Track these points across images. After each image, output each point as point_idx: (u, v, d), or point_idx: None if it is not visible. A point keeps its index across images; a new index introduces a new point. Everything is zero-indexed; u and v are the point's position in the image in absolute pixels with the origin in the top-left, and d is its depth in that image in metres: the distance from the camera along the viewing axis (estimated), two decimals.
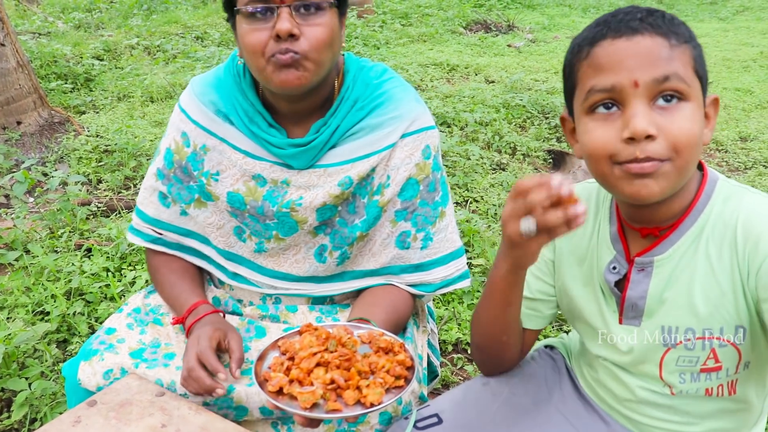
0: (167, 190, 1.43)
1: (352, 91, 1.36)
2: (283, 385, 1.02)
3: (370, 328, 1.18)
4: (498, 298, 1.13)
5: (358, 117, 1.35)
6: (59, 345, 2.36)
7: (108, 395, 1.14)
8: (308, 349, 1.07)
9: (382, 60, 7.43)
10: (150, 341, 1.36)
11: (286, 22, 1.16)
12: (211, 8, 10.76)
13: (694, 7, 14.01)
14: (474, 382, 1.33)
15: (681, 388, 1.10)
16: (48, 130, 4.60)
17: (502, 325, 1.19)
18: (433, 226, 1.41)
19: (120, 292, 2.59)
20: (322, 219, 1.38)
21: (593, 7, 13.61)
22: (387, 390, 1.03)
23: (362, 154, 1.35)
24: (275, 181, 1.37)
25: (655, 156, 0.93)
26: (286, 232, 1.39)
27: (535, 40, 9.40)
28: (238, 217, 1.40)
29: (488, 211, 3.48)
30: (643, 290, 1.08)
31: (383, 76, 1.41)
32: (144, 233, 1.47)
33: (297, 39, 1.18)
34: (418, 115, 1.38)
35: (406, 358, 1.08)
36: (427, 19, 10.52)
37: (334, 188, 1.35)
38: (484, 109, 5.20)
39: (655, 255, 1.07)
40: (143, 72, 6.67)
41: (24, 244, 3.03)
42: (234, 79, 1.37)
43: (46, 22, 9.78)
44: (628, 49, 0.93)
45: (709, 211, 1.04)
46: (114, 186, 3.90)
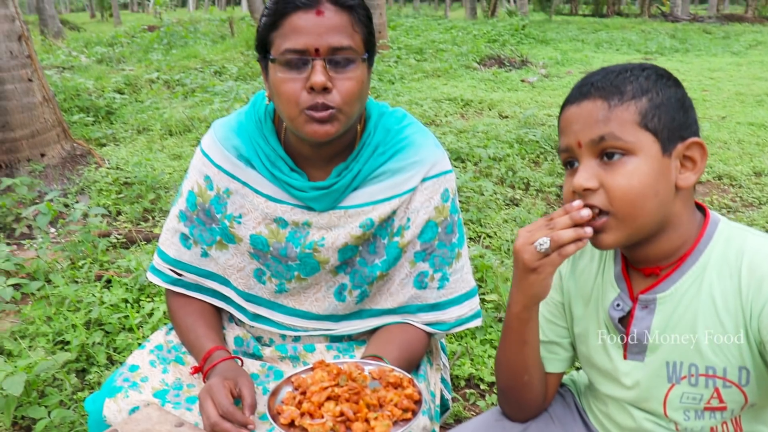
0: (189, 231, 1.46)
1: (374, 136, 1.41)
2: (295, 418, 1.06)
3: (380, 365, 1.21)
4: (514, 337, 1.18)
5: (379, 161, 1.40)
6: (78, 374, 2.40)
7: (129, 425, 1.18)
8: (319, 383, 1.11)
9: (397, 95, 7.53)
10: (173, 382, 1.39)
11: (321, 75, 1.20)
12: (229, 43, 11.00)
13: (707, 42, 14.12)
14: (487, 417, 1.35)
15: (686, 426, 1.13)
16: (70, 162, 4.71)
17: (521, 365, 1.22)
18: (449, 267, 1.45)
19: (138, 323, 2.64)
20: (343, 259, 1.42)
21: (606, 42, 13.77)
22: (395, 423, 1.06)
23: (384, 197, 1.40)
24: (296, 223, 1.40)
25: (601, 207, 1.03)
26: (308, 273, 1.43)
27: (549, 75, 9.49)
28: (260, 258, 1.44)
29: (501, 247, 3.51)
30: (646, 326, 1.12)
31: (403, 121, 1.46)
32: (165, 274, 1.50)
33: (329, 91, 1.23)
34: (437, 160, 1.43)
35: (413, 392, 1.11)
36: (442, 54, 10.67)
37: (356, 229, 1.39)
38: (498, 145, 5.26)
39: (658, 293, 1.11)
40: (162, 105, 6.81)
41: (46, 274, 3.10)
42: (256, 125, 1.41)
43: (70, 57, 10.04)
44: (575, 114, 1.06)
45: (710, 251, 1.08)
46: (133, 218, 3.98)
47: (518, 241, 1.05)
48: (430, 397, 1.44)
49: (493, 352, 2.50)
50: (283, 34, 1.22)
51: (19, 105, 4.43)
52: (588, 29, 16.57)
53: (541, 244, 1.01)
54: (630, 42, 13.72)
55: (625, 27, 17.21)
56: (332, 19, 1.21)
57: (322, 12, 1.20)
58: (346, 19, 1.22)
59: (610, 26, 17.48)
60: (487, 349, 2.51)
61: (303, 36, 1.20)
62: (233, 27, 13.47)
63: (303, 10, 1.20)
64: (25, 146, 4.50)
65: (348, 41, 1.22)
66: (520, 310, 1.13)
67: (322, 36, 1.20)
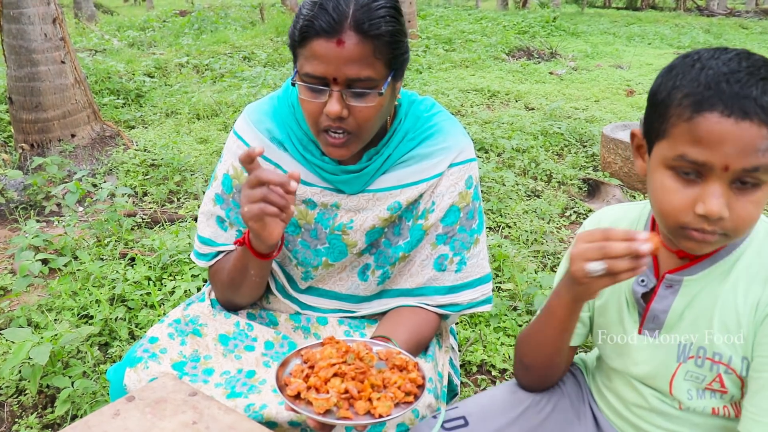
0: (225, 214, 1.50)
1: (404, 123, 1.45)
2: (301, 391, 1.10)
3: (388, 346, 1.24)
4: (556, 324, 1.20)
5: (409, 147, 1.45)
6: (101, 347, 2.48)
7: (145, 392, 1.23)
8: (328, 359, 1.15)
9: (423, 84, 7.53)
10: (190, 354, 1.44)
11: (336, 105, 1.23)
12: (259, 29, 11.06)
13: (743, 37, 13.82)
14: (501, 389, 1.39)
15: (689, 405, 1.16)
16: (99, 143, 4.81)
17: (557, 348, 1.26)
18: (468, 251, 1.49)
19: (160, 301, 2.71)
20: (370, 241, 1.47)
21: (638, 36, 13.55)
22: (396, 404, 1.10)
23: (412, 181, 1.44)
24: (325, 205, 1.45)
25: (719, 231, 0.99)
26: (336, 257, 1.48)
27: (577, 67, 9.39)
28: (290, 243, 1.49)
29: (520, 237, 3.52)
30: (666, 305, 1.14)
31: (432, 109, 1.51)
32: (206, 255, 1.55)
33: (345, 118, 1.26)
34: (464, 147, 1.48)
35: (417, 376, 1.15)
36: (470, 45, 10.61)
37: (384, 212, 1.44)
38: (522, 136, 5.25)
39: (686, 275, 1.12)
40: (191, 90, 6.89)
41: (73, 250, 3.19)
42: (288, 109, 1.45)
43: (102, 40, 10.19)
44: (732, 133, 0.92)
45: (746, 245, 1.09)
46: (158, 199, 4.06)
47: (574, 251, 1.02)
48: (437, 376, 1.47)
49: (506, 340, 2.52)
50: (305, 55, 1.23)
51: (52, 86, 4.54)
52: (620, 22, 16.32)
53: (595, 270, 0.98)
54: (663, 36, 13.49)
55: (659, 21, 16.91)
56: (352, 51, 1.19)
57: (342, 42, 1.18)
58: (368, 49, 1.20)
59: (643, 20, 17.19)
60: (500, 337, 2.54)
61: (323, 64, 1.20)
62: (264, 13, 13.53)
63: (324, 38, 1.19)
64: (56, 126, 4.61)
65: (367, 72, 1.21)
66: (569, 300, 1.14)
67: (340, 68, 1.20)
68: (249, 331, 1.50)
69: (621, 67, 9.52)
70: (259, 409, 1.29)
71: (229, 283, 1.46)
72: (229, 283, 1.46)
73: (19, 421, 2.10)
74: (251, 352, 1.47)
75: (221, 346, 1.47)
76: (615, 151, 4.39)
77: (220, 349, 1.46)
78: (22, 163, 4.50)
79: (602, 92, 7.53)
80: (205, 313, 1.51)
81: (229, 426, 1.15)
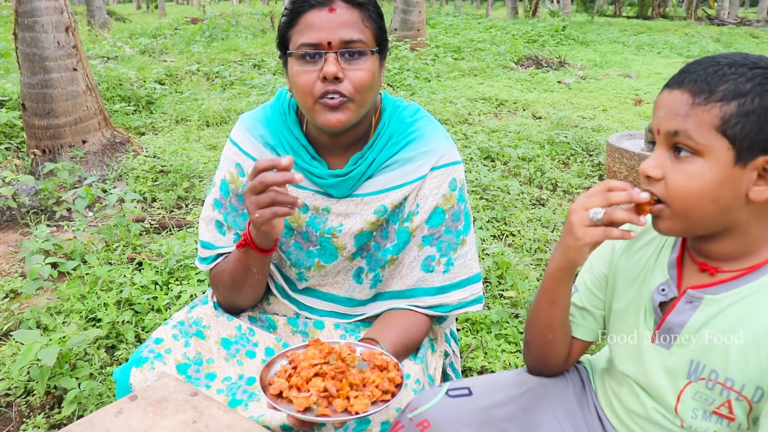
0: (224, 218, 1.55)
1: (388, 127, 1.50)
2: (283, 390, 1.15)
3: (370, 348, 1.29)
4: (545, 296, 1.24)
5: (392, 151, 1.49)
6: (107, 350, 2.52)
7: (148, 392, 1.27)
8: (310, 360, 1.20)
9: (431, 93, 7.56)
10: (194, 356, 1.47)
11: (332, 65, 1.30)
12: (269, 37, 11.15)
13: (753, 46, 13.79)
14: (508, 372, 1.42)
15: (691, 423, 1.14)
16: (110, 149, 4.88)
17: (547, 323, 1.28)
18: (455, 252, 1.53)
19: (166, 305, 2.75)
20: (360, 245, 1.51)
21: (647, 45, 13.55)
22: (373, 402, 1.14)
23: (396, 184, 1.49)
24: (317, 209, 1.50)
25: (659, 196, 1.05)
26: (327, 259, 1.53)
27: (586, 77, 9.41)
28: (283, 245, 1.54)
29: (524, 246, 3.54)
30: (683, 320, 1.12)
31: (416, 115, 1.56)
32: (207, 258, 1.59)
33: (341, 81, 1.32)
34: (446, 151, 1.52)
35: (396, 376, 1.19)
36: (479, 54, 10.65)
37: (371, 215, 1.48)
38: (529, 145, 5.27)
39: (708, 294, 1.10)
40: (201, 97, 6.96)
41: (82, 255, 3.24)
42: (280, 116, 1.52)
43: (114, 47, 10.29)
44: (664, 100, 1.05)
45: None
46: (167, 205, 4.11)
47: (574, 204, 1.09)
48: (427, 379, 1.50)
49: (507, 347, 2.54)
50: (299, 30, 1.33)
51: (64, 93, 4.61)
52: (630, 31, 16.33)
53: (596, 213, 1.06)
54: (672, 45, 13.49)
55: (669, 30, 16.90)
56: (343, 16, 1.31)
57: (334, 9, 1.31)
58: (357, 16, 1.33)
59: (653, 29, 17.19)
60: (502, 344, 2.56)
61: (317, 31, 1.30)
62: (275, 21, 13.64)
63: (317, 8, 1.31)
64: (68, 133, 4.68)
65: (358, 35, 1.32)
66: (554, 269, 1.19)
67: (334, 30, 1.30)
68: (251, 336, 1.54)
69: (630, 76, 9.53)
70: (257, 417, 1.33)
71: (231, 284, 1.50)
72: (231, 283, 1.50)
73: (26, 420, 2.14)
74: (252, 358, 1.51)
75: (224, 350, 1.50)
76: (620, 160, 4.41)
77: (223, 353, 1.50)
78: (34, 168, 4.57)
79: (610, 101, 7.54)
80: (209, 315, 1.55)
81: (227, 425, 1.18)
